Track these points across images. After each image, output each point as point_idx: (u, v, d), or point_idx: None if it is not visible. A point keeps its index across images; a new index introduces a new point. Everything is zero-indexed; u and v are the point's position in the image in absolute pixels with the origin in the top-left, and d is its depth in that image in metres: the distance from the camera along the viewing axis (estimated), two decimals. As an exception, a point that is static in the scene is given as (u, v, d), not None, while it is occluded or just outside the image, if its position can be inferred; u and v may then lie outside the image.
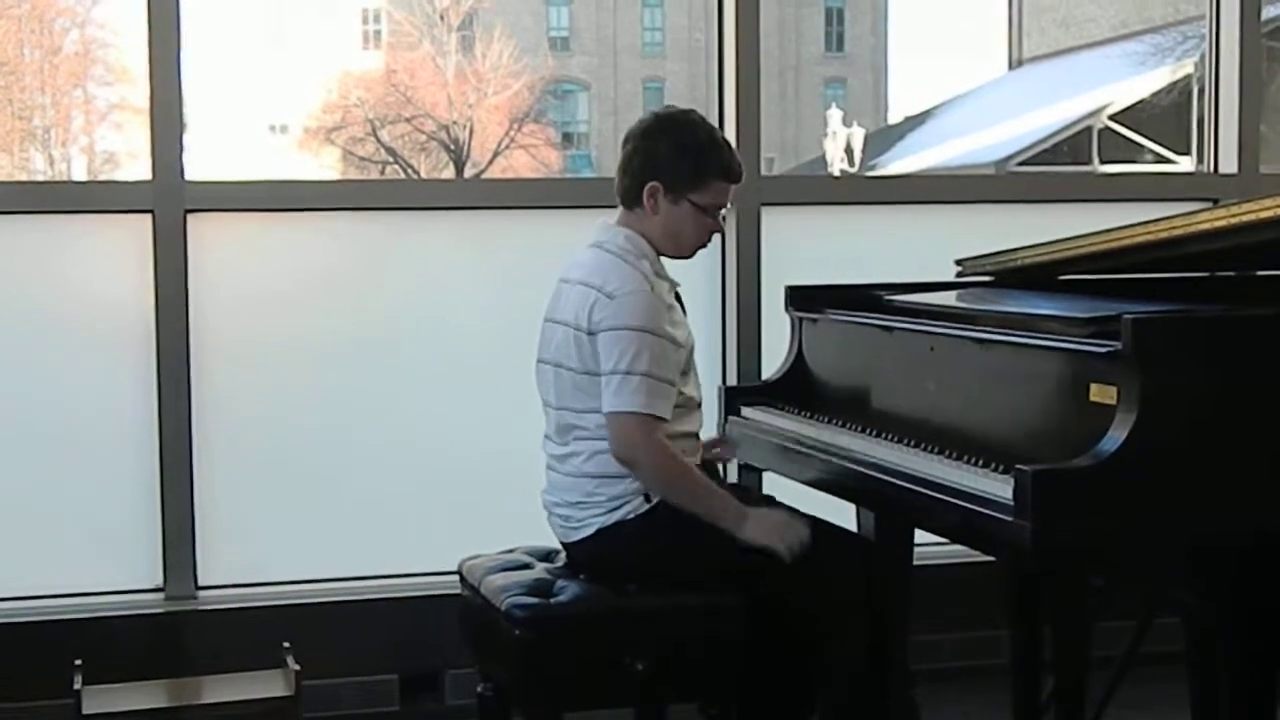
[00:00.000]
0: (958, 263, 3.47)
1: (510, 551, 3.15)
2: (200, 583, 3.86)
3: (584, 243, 3.03)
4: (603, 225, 3.02)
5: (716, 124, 4.09)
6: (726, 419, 3.49)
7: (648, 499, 2.90)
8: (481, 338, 4.05)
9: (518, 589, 2.89)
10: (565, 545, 3.03)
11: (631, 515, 2.90)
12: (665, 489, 2.88)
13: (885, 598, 3.02)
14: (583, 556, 2.98)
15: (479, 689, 3.07)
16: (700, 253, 3.09)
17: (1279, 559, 2.48)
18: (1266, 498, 2.43)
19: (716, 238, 3.11)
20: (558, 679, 2.82)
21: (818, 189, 4.99)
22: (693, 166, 2.95)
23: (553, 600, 2.86)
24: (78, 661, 3.26)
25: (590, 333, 2.88)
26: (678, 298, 3.06)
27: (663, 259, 3.03)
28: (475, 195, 4.32)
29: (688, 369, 3.00)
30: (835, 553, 2.97)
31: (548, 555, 3.12)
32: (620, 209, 3.03)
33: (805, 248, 4.15)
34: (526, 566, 3.06)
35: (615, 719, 3.00)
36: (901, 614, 3.22)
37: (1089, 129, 18.67)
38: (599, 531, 2.92)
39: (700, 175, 2.96)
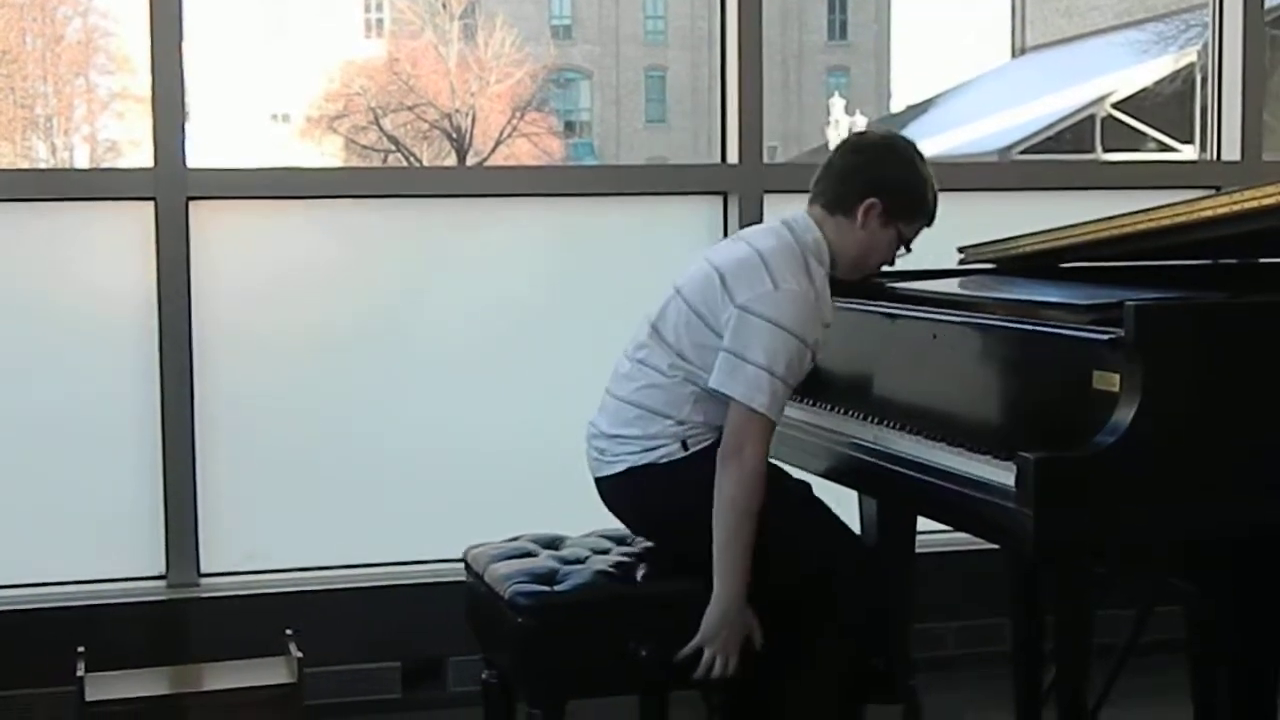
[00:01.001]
0: (960, 250, 3.47)
1: (515, 539, 3.15)
2: (203, 570, 3.87)
3: (775, 214, 3.00)
4: (805, 214, 3.00)
5: (719, 111, 4.12)
6: (729, 407, 3.48)
7: (684, 446, 2.89)
8: (484, 325, 4.05)
9: (522, 577, 2.89)
10: (596, 479, 3.01)
11: (664, 460, 2.89)
12: (733, 494, 2.79)
13: (886, 586, 3.02)
14: (610, 493, 2.98)
15: (482, 676, 3.08)
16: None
17: (1280, 548, 2.48)
18: (1269, 486, 2.43)
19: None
20: (561, 666, 2.82)
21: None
22: (917, 198, 2.97)
23: (556, 588, 2.86)
24: (80, 649, 3.27)
25: (735, 302, 2.84)
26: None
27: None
28: (477, 183, 4.31)
29: None
30: (838, 543, 2.97)
31: (552, 543, 3.12)
32: (815, 207, 2.99)
33: (808, 235, 4.14)
34: (531, 554, 3.06)
35: (619, 706, 3.01)
36: (903, 602, 3.22)
37: (1092, 117, 18.61)
38: (629, 470, 2.91)
39: (917, 208, 2.98)
